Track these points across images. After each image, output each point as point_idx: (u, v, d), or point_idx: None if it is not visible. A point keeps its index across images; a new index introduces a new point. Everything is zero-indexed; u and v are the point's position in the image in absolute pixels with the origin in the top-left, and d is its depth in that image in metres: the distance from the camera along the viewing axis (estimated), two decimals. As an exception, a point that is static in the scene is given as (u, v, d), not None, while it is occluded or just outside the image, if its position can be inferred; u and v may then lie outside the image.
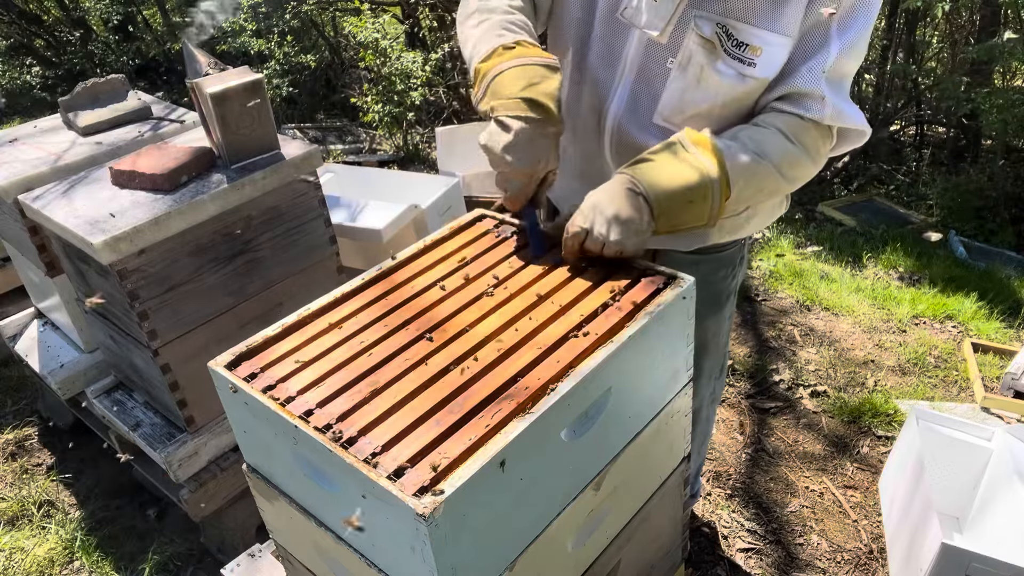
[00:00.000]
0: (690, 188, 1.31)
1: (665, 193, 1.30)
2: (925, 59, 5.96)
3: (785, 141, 1.38)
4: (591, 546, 1.32)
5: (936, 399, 2.95)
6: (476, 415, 1.06)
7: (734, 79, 1.39)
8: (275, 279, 2.14)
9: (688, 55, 1.40)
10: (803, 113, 1.38)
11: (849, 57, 1.37)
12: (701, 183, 1.31)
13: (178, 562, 2.32)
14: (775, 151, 1.37)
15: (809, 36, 1.36)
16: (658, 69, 1.44)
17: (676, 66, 1.42)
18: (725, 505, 2.47)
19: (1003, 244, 4.79)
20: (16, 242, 2.38)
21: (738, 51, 1.37)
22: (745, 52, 1.36)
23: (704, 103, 1.43)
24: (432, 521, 0.92)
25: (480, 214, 1.58)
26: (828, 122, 1.38)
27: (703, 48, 1.38)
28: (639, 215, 1.29)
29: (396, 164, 5.69)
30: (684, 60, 1.41)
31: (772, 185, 1.41)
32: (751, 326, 3.47)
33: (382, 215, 2.88)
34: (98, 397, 2.29)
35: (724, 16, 1.36)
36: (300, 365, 1.18)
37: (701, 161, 1.32)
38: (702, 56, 1.39)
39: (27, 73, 8.02)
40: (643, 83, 1.47)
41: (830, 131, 1.43)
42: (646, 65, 1.45)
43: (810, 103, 1.37)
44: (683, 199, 1.31)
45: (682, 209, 1.32)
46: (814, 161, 1.43)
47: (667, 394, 1.37)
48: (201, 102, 1.96)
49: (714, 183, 1.31)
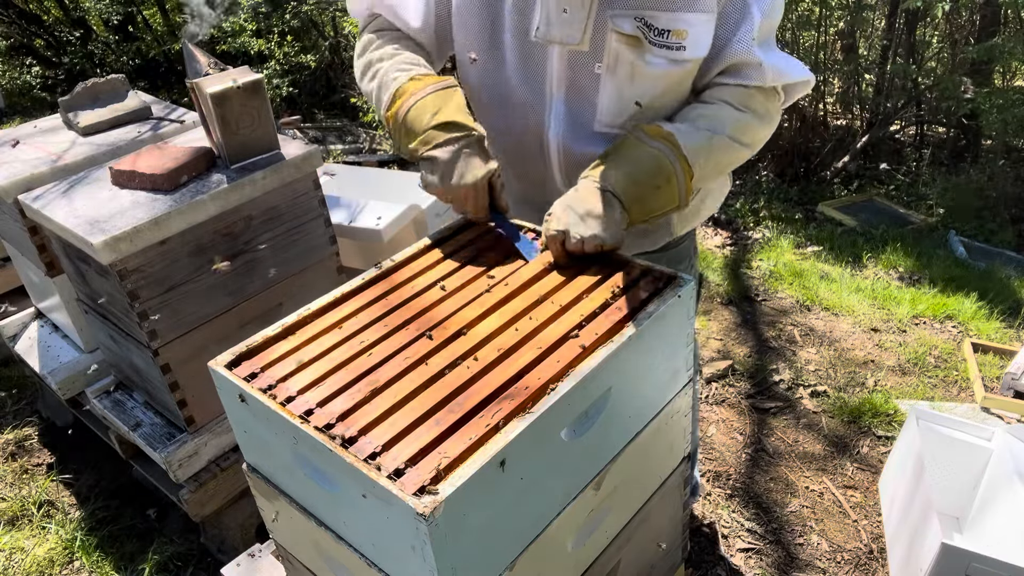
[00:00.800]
0: (652, 174, 1.34)
1: (630, 182, 1.33)
2: (925, 59, 5.95)
3: (733, 111, 1.41)
4: (591, 546, 1.32)
5: (936, 399, 2.95)
6: (476, 415, 1.06)
7: (667, 66, 1.39)
8: (275, 279, 2.14)
9: (614, 56, 1.39)
10: (745, 82, 1.41)
11: (771, 16, 1.40)
12: (661, 167, 1.34)
13: (178, 562, 2.32)
14: (726, 123, 1.40)
15: (729, 7, 1.37)
16: (587, 78, 1.43)
17: (605, 70, 1.41)
18: (725, 505, 2.47)
19: (1003, 244, 4.79)
20: (16, 242, 2.38)
21: (663, 39, 1.37)
22: (670, 38, 1.37)
23: (644, 98, 1.43)
24: (432, 521, 0.92)
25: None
26: (771, 84, 1.42)
27: (628, 45, 1.38)
28: (611, 208, 1.32)
29: (396, 164, 5.69)
30: (611, 62, 1.40)
31: (732, 155, 1.45)
32: (751, 326, 3.47)
33: (382, 215, 2.88)
34: (98, 397, 2.29)
35: (640, 9, 1.35)
36: (300, 365, 1.18)
37: (655, 147, 1.35)
38: (629, 53, 1.38)
39: (27, 73, 8.02)
40: (576, 95, 1.46)
41: (776, 91, 1.46)
42: (574, 77, 1.44)
43: (749, 71, 1.41)
44: (649, 185, 1.34)
45: (651, 195, 1.35)
46: (766, 123, 1.46)
47: (667, 394, 1.37)
48: (201, 102, 1.96)
49: (674, 164, 1.35)
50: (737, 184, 5.60)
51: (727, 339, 3.37)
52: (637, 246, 1.67)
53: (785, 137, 5.81)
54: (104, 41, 8.21)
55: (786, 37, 5.60)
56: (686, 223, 1.71)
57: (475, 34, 1.50)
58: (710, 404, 2.94)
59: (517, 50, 1.46)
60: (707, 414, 2.89)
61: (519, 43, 1.45)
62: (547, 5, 1.39)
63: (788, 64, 1.44)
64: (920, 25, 5.81)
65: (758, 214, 5.08)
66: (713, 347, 3.30)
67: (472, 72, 1.56)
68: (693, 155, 1.36)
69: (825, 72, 5.81)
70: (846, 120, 6.31)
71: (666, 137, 1.36)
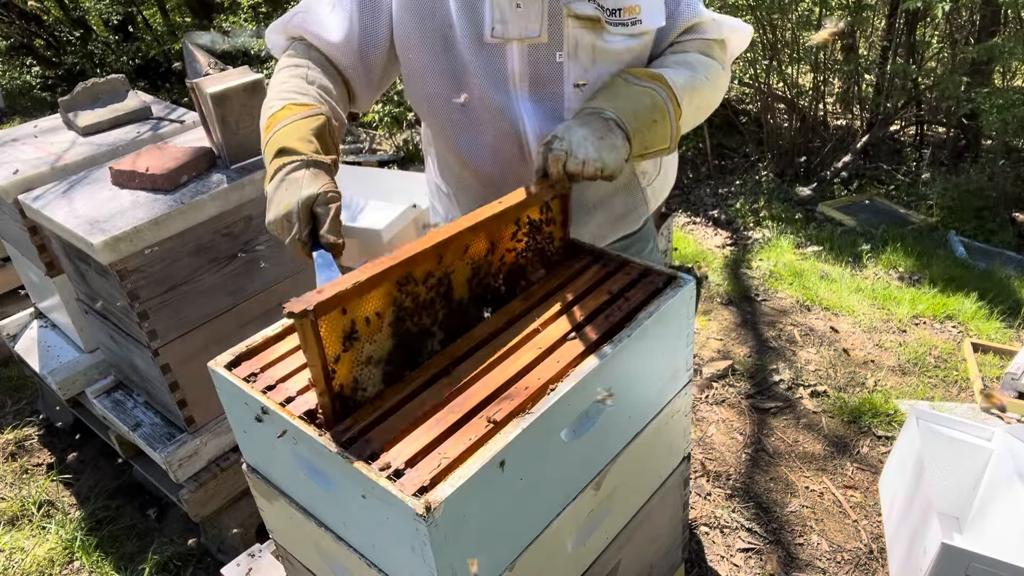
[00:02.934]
0: (649, 109, 1.34)
1: (631, 115, 1.32)
2: (925, 59, 5.95)
3: (704, 58, 1.47)
4: (591, 546, 1.32)
5: (936, 399, 2.95)
6: (476, 415, 1.06)
7: (627, 41, 1.42)
8: (275, 279, 2.14)
9: (574, 42, 1.40)
10: (704, 37, 1.49)
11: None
12: (655, 103, 1.35)
13: (178, 562, 2.32)
14: (701, 67, 1.45)
15: None
16: (549, 69, 1.43)
17: (566, 57, 1.42)
18: (725, 505, 2.47)
19: (1003, 244, 4.78)
20: (16, 242, 2.38)
21: (617, 17, 1.39)
22: (624, 16, 1.39)
23: (608, 76, 1.44)
24: (432, 521, 0.92)
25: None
26: (725, 35, 1.52)
27: (587, 28, 1.39)
28: (614, 136, 1.30)
29: (396, 164, 5.69)
30: (571, 48, 1.41)
31: (710, 97, 1.49)
32: (751, 326, 3.47)
33: (382, 215, 2.88)
34: (98, 397, 2.29)
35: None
36: (300, 365, 1.18)
37: (648, 86, 1.37)
38: (588, 35, 1.40)
39: (27, 73, 8.02)
40: (540, 88, 1.45)
41: (724, 43, 1.55)
42: (536, 71, 1.43)
43: (704, 27, 1.49)
44: (648, 119, 1.34)
45: (649, 129, 1.35)
46: (726, 70, 1.54)
47: (667, 394, 1.37)
48: (201, 102, 1.97)
49: (667, 102, 1.36)
50: (737, 184, 5.60)
51: (727, 339, 3.37)
52: (619, 230, 1.68)
53: (785, 137, 5.81)
54: (104, 41, 8.20)
55: (786, 37, 5.60)
56: (658, 196, 1.75)
57: (427, 54, 1.46)
58: (710, 404, 2.94)
59: (474, 56, 1.43)
60: (707, 414, 2.89)
61: (476, 50, 1.42)
62: (499, 3, 1.38)
63: (728, 17, 1.55)
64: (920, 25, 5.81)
65: (758, 214, 5.08)
66: (713, 347, 3.30)
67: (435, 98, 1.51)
68: (681, 93, 1.38)
69: (825, 72, 5.81)
70: (846, 120, 6.31)
71: (655, 77, 1.38)
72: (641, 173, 1.66)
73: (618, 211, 1.66)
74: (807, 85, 6.01)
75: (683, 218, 5.04)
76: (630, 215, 1.69)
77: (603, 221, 1.65)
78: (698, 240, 4.68)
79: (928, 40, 5.94)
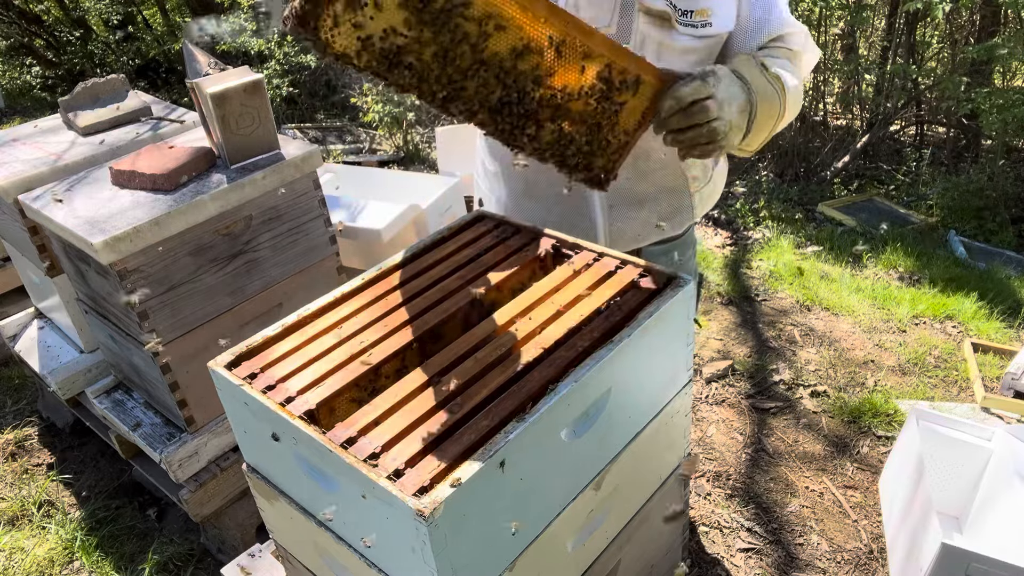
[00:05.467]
0: (769, 113, 1.32)
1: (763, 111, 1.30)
2: (925, 59, 5.96)
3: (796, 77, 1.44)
4: (591, 546, 1.32)
5: (936, 399, 2.95)
6: (476, 415, 1.06)
7: (692, 41, 1.42)
8: (275, 279, 2.14)
9: (641, 37, 1.41)
10: (790, 47, 1.46)
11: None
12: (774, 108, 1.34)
13: (178, 562, 2.32)
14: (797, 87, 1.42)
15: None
16: None
17: (634, 50, 1.40)
18: (725, 505, 2.47)
19: (1003, 244, 4.79)
20: (16, 242, 2.38)
21: (688, 18, 1.39)
22: (694, 18, 1.39)
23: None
24: (432, 521, 0.92)
25: (479, 214, 1.58)
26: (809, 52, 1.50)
27: (655, 25, 1.40)
28: (744, 117, 1.27)
29: (396, 164, 5.69)
30: (639, 42, 1.41)
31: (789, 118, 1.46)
32: (751, 326, 3.47)
33: (382, 215, 2.88)
34: (98, 397, 2.29)
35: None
36: (300, 365, 1.18)
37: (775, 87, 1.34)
38: (656, 32, 1.40)
39: (27, 73, 8.03)
40: None
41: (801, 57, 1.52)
42: None
43: (792, 39, 1.47)
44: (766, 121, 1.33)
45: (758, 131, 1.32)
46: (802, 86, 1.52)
47: (667, 394, 1.37)
48: (201, 102, 1.96)
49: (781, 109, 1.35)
50: (737, 184, 5.60)
51: (727, 339, 3.37)
52: (663, 232, 1.68)
53: (785, 137, 5.81)
54: (104, 41, 8.20)
55: (786, 37, 5.59)
56: (704, 205, 1.73)
57: None
58: (710, 404, 2.94)
59: None
60: (707, 414, 2.89)
61: None
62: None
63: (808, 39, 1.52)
64: (920, 25, 5.81)
65: (758, 214, 5.08)
66: (713, 347, 3.30)
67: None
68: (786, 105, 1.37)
69: (825, 72, 5.81)
70: (846, 120, 6.31)
71: (777, 78, 1.36)
72: (692, 178, 1.65)
73: (664, 212, 1.65)
74: (807, 85, 6.01)
75: (683, 218, 5.03)
76: (675, 218, 1.67)
77: (648, 219, 1.64)
78: (698, 240, 4.68)
79: (928, 40, 5.95)
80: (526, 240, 1.46)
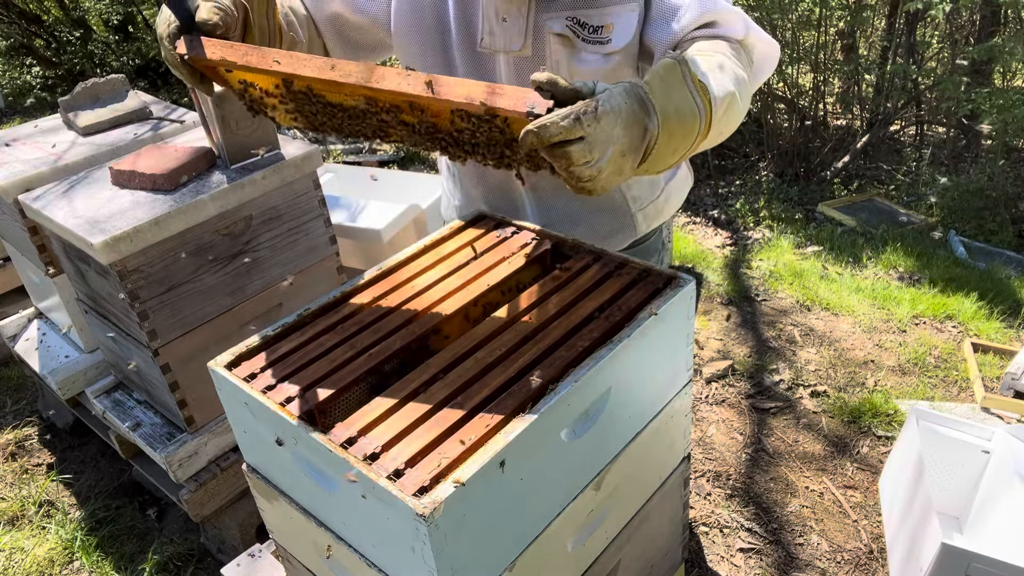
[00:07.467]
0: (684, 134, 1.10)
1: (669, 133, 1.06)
2: (925, 59, 5.95)
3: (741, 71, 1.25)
4: (591, 546, 1.32)
5: (936, 399, 2.95)
6: (476, 415, 1.06)
7: (600, 61, 1.40)
8: (275, 279, 2.14)
9: (555, 59, 1.41)
10: (727, 36, 1.29)
11: None
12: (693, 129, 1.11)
13: (178, 562, 2.32)
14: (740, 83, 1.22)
15: None
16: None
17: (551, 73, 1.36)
18: (725, 505, 2.47)
19: (1003, 244, 4.78)
20: (16, 242, 2.38)
21: (596, 35, 1.37)
22: (601, 34, 1.37)
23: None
24: (432, 521, 0.92)
25: (480, 214, 1.58)
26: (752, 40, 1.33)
27: (564, 46, 1.39)
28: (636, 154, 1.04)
29: (396, 164, 5.69)
30: (554, 64, 1.41)
31: (733, 125, 1.25)
32: (751, 326, 3.47)
33: (382, 215, 2.88)
34: (98, 397, 2.29)
35: (573, 9, 1.37)
36: (300, 365, 1.18)
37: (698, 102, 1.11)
38: (562, 54, 1.40)
39: (27, 73, 8.02)
40: None
41: (749, 47, 1.35)
42: (522, 83, 1.44)
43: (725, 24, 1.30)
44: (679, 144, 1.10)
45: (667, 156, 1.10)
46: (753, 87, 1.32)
47: (667, 394, 1.37)
48: (201, 102, 1.96)
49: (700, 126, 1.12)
50: (737, 184, 5.60)
51: (727, 339, 3.37)
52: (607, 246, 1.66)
53: (785, 137, 5.81)
54: (104, 41, 8.20)
55: (786, 37, 5.59)
56: (651, 221, 1.70)
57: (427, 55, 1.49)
58: (710, 404, 2.94)
59: (468, 63, 1.47)
60: (707, 414, 2.89)
61: (469, 56, 1.47)
62: (488, 16, 1.41)
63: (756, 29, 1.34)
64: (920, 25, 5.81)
65: (758, 214, 5.08)
66: (713, 347, 3.30)
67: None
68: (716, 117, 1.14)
69: (825, 72, 5.81)
70: (846, 120, 6.31)
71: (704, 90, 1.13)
72: (632, 199, 1.65)
73: (602, 231, 1.66)
74: (807, 85, 6.01)
75: (683, 218, 5.03)
76: (615, 236, 1.68)
77: (585, 237, 1.63)
78: (698, 240, 4.68)
79: (928, 40, 5.95)
80: (526, 240, 1.46)
